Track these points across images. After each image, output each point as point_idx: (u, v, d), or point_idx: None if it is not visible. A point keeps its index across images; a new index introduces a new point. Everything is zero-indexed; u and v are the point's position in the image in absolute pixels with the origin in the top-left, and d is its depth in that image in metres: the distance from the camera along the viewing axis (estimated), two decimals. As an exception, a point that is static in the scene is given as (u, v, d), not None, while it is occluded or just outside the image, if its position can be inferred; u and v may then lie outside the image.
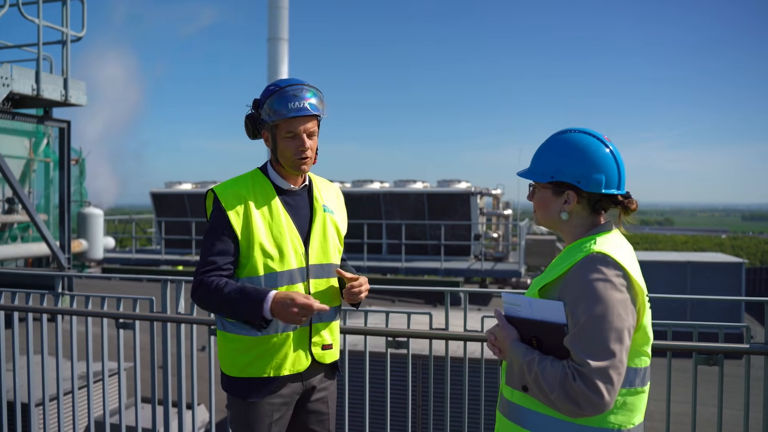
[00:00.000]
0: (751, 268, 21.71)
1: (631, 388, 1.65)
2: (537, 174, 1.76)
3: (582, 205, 1.73)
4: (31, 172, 13.04)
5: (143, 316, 3.50)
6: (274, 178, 2.29)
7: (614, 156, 1.71)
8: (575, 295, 1.60)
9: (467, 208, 18.25)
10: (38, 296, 3.84)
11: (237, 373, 2.24)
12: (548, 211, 1.76)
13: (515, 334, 1.69)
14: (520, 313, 1.70)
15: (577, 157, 1.69)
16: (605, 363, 1.52)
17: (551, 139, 1.77)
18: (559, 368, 1.56)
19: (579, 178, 1.68)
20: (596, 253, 1.62)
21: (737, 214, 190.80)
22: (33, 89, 8.25)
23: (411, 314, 3.26)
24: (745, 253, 37.41)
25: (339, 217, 2.41)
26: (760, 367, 2.92)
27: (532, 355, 1.62)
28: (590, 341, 1.54)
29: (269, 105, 2.16)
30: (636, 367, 1.66)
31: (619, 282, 1.59)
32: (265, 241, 2.18)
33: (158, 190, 21.31)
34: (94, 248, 14.23)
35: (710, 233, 70.76)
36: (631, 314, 1.59)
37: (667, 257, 14.55)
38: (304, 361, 2.25)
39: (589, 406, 1.52)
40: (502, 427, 1.78)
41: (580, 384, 1.51)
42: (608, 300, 1.56)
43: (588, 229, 1.73)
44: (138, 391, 3.61)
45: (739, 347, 2.87)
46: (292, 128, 2.17)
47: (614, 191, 1.70)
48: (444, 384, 3.25)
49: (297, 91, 2.15)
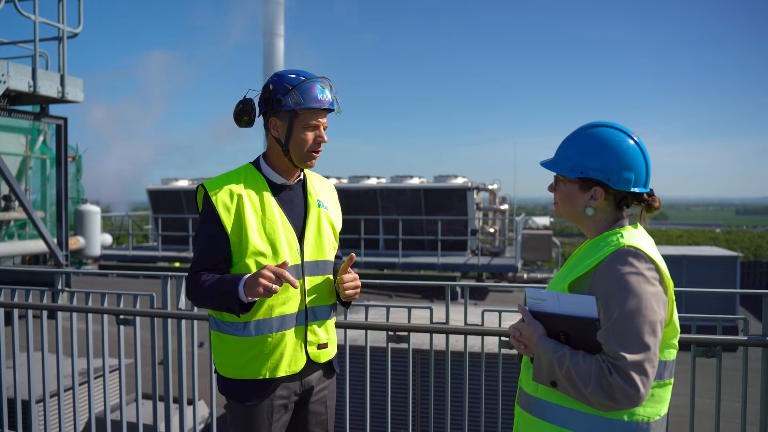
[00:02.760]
0: (745, 262, 21.81)
1: (660, 380, 1.65)
2: (565, 168, 1.73)
3: (608, 201, 1.71)
4: (27, 169, 13.01)
5: (144, 312, 3.50)
6: (266, 173, 2.24)
7: (643, 153, 1.69)
8: (608, 288, 1.59)
9: (464, 203, 18.26)
10: (38, 293, 3.84)
11: (233, 374, 2.20)
12: (573, 206, 1.74)
13: (542, 330, 1.68)
14: (546, 308, 1.68)
15: (608, 154, 1.67)
16: (641, 356, 1.52)
17: (580, 132, 1.75)
18: (593, 363, 1.55)
19: (609, 175, 1.67)
20: (628, 247, 1.61)
21: (731, 209, 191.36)
22: (29, 86, 8.23)
23: (411, 308, 3.27)
24: (739, 247, 37.54)
25: (334, 213, 2.36)
26: (758, 359, 2.95)
27: (563, 350, 1.61)
28: (625, 335, 1.53)
29: (298, 92, 2.11)
30: (665, 359, 1.66)
31: (651, 275, 1.59)
32: (257, 238, 2.13)
33: (154, 187, 21.27)
34: (92, 245, 14.21)
35: (704, 227, 70.99)
36: (663, 307, 1.59)
37: (663, 251, 14.55)
38: (300, 361, 2.20)
39: (625, 399, 1.52)
40: (523, 422, 1.77)
41: (617, 378, 1.51)
42: (642, 293, 1.56)
43: (611, 224, 1.72)
44: (139, 387, 3.62)
45: (737, 339, 2.89)
46: (315, 119, 2.15)
47: (642, 189, 1.69)
48: (444, 378, 3.27)
49: (324, 84, 2.16)
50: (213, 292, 2.09)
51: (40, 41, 8.49)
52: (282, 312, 2.16)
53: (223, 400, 2.37)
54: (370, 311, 3.33)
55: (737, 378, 2.99)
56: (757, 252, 41.01)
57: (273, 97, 2.14)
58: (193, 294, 2.16)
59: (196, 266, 2.16)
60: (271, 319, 2.15)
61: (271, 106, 2.15)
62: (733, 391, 3.05)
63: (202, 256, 2.16)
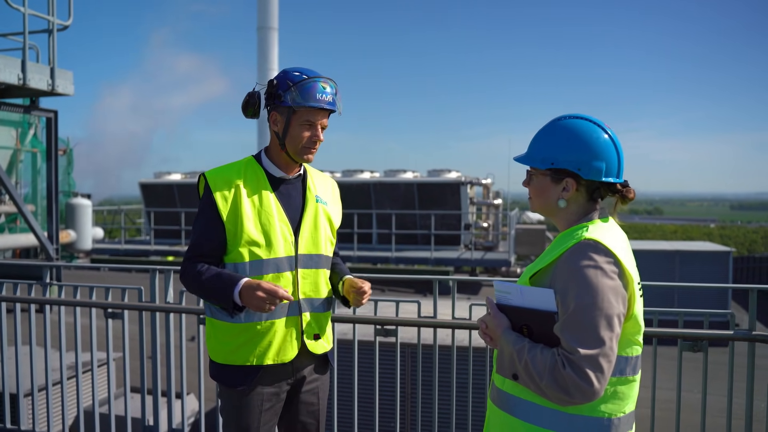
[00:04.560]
0: (738, 257, 21.89)
1: (622, 376, 1.64)
2: (536, 160, 1.72)
3: (580, 192, 1.70)
4: (18, 162, 12.95)
5: (132, 305, 3.49)
6: (267, 166, 2.30)
7: (614, 143, 1.68)
8: (565, 282, 1.58)
9: (457, 197, 18.27)
10: (26, 286, 3.82)
11: (223, 359, 2.25)
12: (545, 198, 1.74)
13: (506, 323, 1.68)
14: (511, 301, 1.69)
15: (578, 144, 1.67)
16: (595, 351, 1.51)
17: (551, 124, 1.74)
18: (549, 356, 1.55)
19: (579, 165, 1.66)
20: (587, 240, 1.60)
21: (726, 204, 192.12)
22: (19, 78, 8.16)
23: (399, 302, 3.27)
24: (733, 242, 37.69)
25: (333, 210, 2.42)
26: (744, 353, 2.96)
27: (523, 343, 1.61)
28: (580, 328, 1.53)
29: (298, 90, 2.16)
30: (627, 355, 1.64)
31: (609, 269, 1.57)
32: (252, 228, 2.19)
33: (147, 181, 21.19)
34: (83, 239, 14.18)
35: (699, 222, 71.22)
36: (621, 301, 1.58)
37: (657, 246, 14.64)
38: (291, 350, 2.25)
39: (578, 393, 1.51)
40: (492, 415, 1.77)
41: (570, 372, 1.50)
42: (598, 287, 1.55)
43: (582, 217, 1.72)
44: (127, 381, 3.61)
45: (723, 334, 2.90)
46: (312, 118, 2.19)
47: (613, 179, 1.68)
48: (432, 372, 3.27)
49: (326, 84, 2.19)
50: (209, 287, 2.15)
51: (30, 33, 8.43)
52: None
53: (211, 394, 2.38)
54: (359, 305, 3.32)
55: (724, 372, 3.00)
56: (751, 247, 41.17)
57: (275, 93, 2.20)
58: (188, 281, 2.23)
59: (191, 251, 2.23)
60: None
61: (273, 101, 2.21)
62: (720, 385, 3.06)
63: (198, 242, 2.22)
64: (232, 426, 2.27)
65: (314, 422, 2.39)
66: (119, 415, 3.91)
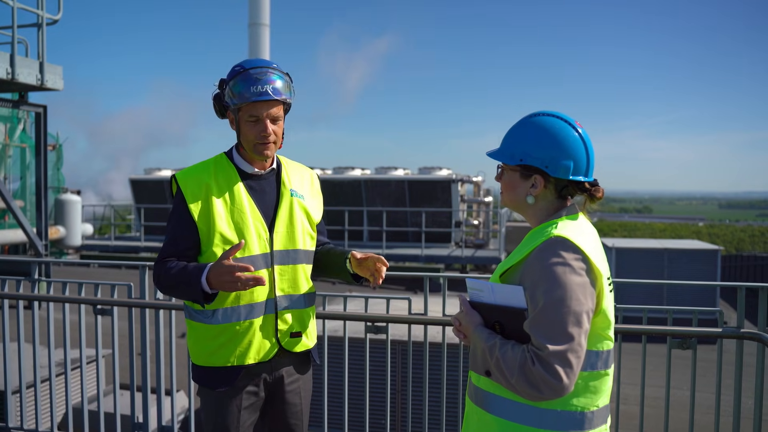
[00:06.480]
0: (726, 255, 22.04)
1: (593, 371, 1.66)
2: (506, 156, 1.74)
3: (549, 189, 1.71)
4: (6, 157, 12.85)
5: (121, 302, 3.48)
6: (238, 162, 2.23)
7: (584, 142, 1.69)
8: (534, 279, 1.60)
9: (448, 195, 18.29)
10: (14, 283, 3.79)
11: (203, 362, 2.21)
12: (515, 194, 1.75)
13: (478, 320, 1.70)
14: (483, 299, 1.70)
15: (546, 141, 1.68)
16: (564, 347, 1.52)
17: (522, 121, 1.75)
18: (519, 352, 1.56)
19: (547, 162, 1.67)
20: (556, 237, 1.61)
21: (714, 203, 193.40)
22: (8, 73, 8.10)
23: (390, 299, 3.27)
24: (721, 241, 37.98)
25: (310, 203, 2.34)
26: (733, 351, 2.98)
27: (494, 340, 1.63)
28: (549, 325, 1.54)
29: (231, 87, 2.09)
30: (597, 350, 1.66)
31: (578, 266, 1.59)
32: (225, 227, 2.14)
33: (137, 177, 21.08)
34: (72, 235, 14.10)
35: (688, 221, 71.65)
36: (590, 298, 1.59)
37: (645, 244, 14.72)
38: (270, 349, 2.21)
39: (548, 389, 1.52)
40: (470, 412, 1.79)
41: (539, 368, 1.52)
42: (567, 284, 1.56)
43: (551, 214, 1.72)
44: (116, 377, 3.60)
45: (711, 331, 2.92)
46: (255, 112, 2.10)
47: (581, 178, 1.69)
48: (423, 369, 3.28)
49: (261, 74, 2.07)
50: (177, 281, 2.10)
51: (19, 27, 8.36)
52: (250, 300, 2.17)
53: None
54: (349, 302, 3.32)
55: (713, 370, 3.02)
56: (739, 246, 41.48)
57: (222, 93, 2.15)
58: (159, 281, 2.18)
59: (163, 253, 2.18)
60: (239, 307, 2.16)
61: (223, 102, 2.16)
62: (709, 382, 3.08)
63: (170, 244, 2.18)
64: (211, 425, 2.24)
65: (299, 423, 2.36)
66: (108, 412, 3.89)
